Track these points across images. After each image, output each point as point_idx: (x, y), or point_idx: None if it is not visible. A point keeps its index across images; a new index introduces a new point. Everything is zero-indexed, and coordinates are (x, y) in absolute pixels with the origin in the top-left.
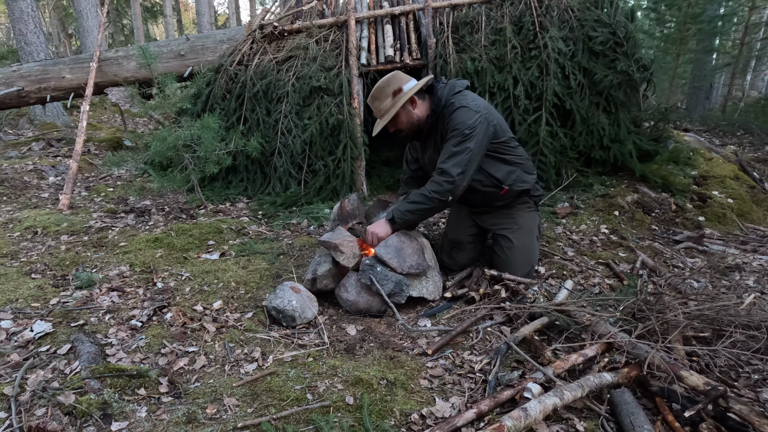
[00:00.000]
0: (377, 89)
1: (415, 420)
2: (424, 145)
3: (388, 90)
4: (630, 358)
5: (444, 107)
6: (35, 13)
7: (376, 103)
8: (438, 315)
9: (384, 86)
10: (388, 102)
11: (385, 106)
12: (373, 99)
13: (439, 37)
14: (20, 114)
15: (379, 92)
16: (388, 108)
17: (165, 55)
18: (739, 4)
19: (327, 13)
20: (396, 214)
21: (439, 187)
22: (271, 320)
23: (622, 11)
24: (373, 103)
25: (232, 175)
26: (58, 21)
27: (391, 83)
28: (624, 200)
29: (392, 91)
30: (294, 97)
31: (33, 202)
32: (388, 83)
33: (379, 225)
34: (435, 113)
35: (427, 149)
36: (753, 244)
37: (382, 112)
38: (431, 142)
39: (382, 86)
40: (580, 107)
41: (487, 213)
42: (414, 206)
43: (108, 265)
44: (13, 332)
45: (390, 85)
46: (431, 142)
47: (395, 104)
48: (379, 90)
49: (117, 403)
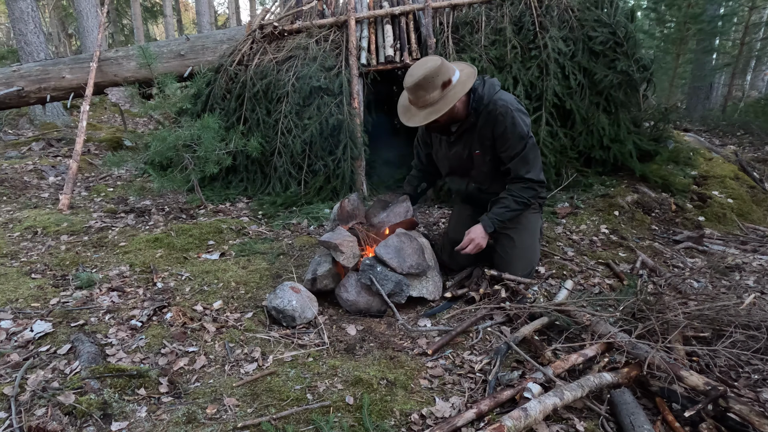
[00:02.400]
0: (425, 78)
1: (415, 420)
2: (452, 141)
3: (437, 80)
4: (630, 358)
5: (489, 105)
6: (35, 13)
7: (421, 93)
8: (438, 315)
9: (432, 75)
10: (436, 94)
11: (432, 97)
12: (418, 87)
13: (439, 37)
14: (20, 114)
15: (427, 82)
16: (436, 100)
17: (165, 55)
18: (739, 4)
19: (327, 13)
20: (495, 224)
21: (536, 193)
22: (271, 320)
23: (622, 11)
24: (416, 92)
25: (232, 175)
26: (58, 21)
27: (440, 73)
28: (624, 200)
29: (442, 82)
30: (294, 97)
31: (33, 202)
32: (437, 72)
33: (480, 234)
34: (476, 111)
35: (455, 146)
36: (753, 244)
37: (427, 103)
38: (464, 139)
39: (431, 75)
40: (580, 107)
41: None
42: (512, 213)
43: (108, 265)
44: (13, 332)
45: (439, 74)
46: (464, 140)
47: (446, 98)
48: (427, 79)
49: (117, 403)
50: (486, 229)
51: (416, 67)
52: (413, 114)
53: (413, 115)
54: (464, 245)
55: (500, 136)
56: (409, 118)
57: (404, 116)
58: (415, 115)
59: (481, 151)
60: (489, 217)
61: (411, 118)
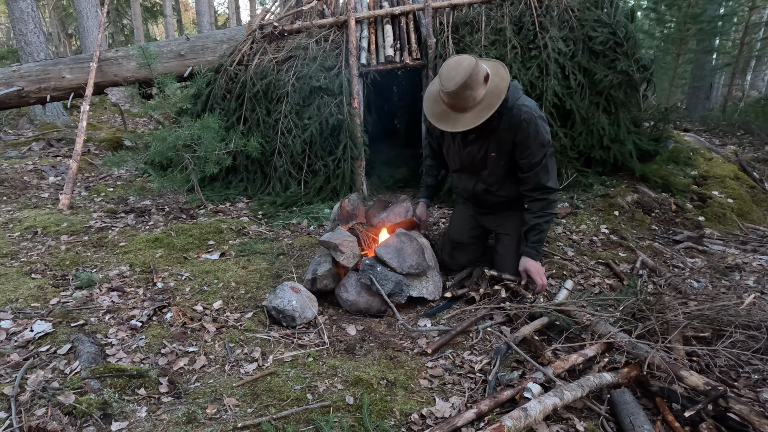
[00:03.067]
0: (470, 77)
1: (415, 420)
2: (468, 140)
3: (480, 76)
4: (630, 358)
5: (511, 110)
6: (35, 13)
7: (468, 93)
8: (438, 315)
9: (475, 72)
10: (482, 90)
11: (479, 94)
12: (465, 88)
13: (439, 37)
14: (20, 114)
15: (473, 80)
16: (483, 97)
17: (165, 55)
18: (739, 4)
19: (327, 13)
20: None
21: (553, 205)
22: (271, 320)
23: (622, 11)
24: (462, 93)
25: (232, 175)
26: (58, 21)
27: (480, 68)
28: (624, 200)
29: (483, 77)
30: (294, 97)
31: (33, 202)
32: (477, 69)
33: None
34: (499, 114)
35: (470, 145)
36: (753, 244)
37: (475, 102)
38: (482, 140)
39: (474, 72)
40: (580, 107)
41: (494, 214)
42: (545, 234)
43: (108, 265)
44: (13, 332)
45: (480, 70)
46: (481, 141)
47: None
48: (472, 77)
49: (117, 403)
50: (535, 258)
51: (451, 69)
52: (456, 119)
53: (457, 119)
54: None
55: (522, 143)
56: (454, 125)
57: (446, 124)
58: (461, 119)
59: (497, 154)
60: (531, 247)
61: (456, 123)
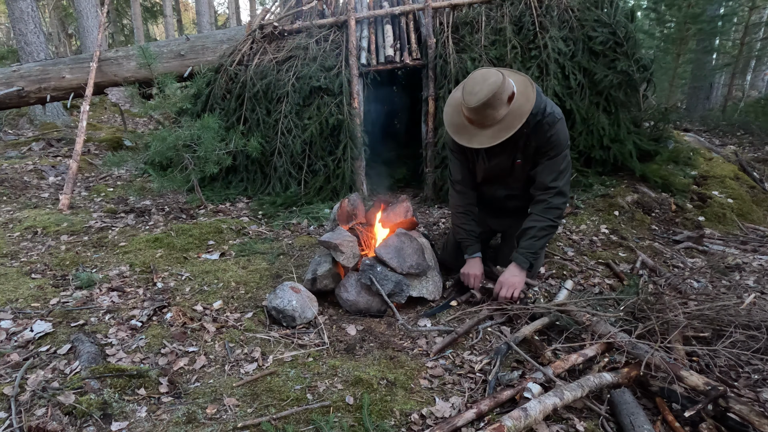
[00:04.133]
0: (494, 96)
1: (415, 420)
2: (495, 152)
3: (504, 96)
4: (630, 358)
5: (537, 115)
6: (35, 13)
7: (489, 112)
8: (438, 315)
9: (500, 92)
10: (503, 110)
11: (500, 114)
12: (486, 107)
13: (439, 37)
14: (20, 114)
15: (496, 99)
16: (504, 117)
17: (165, 55)
18: (739, 4)
19: (327, 13)
20: (530, 259)
21: (560, 211)
22: (271, 320)
23: (622, 11)
24: (483, 112)
25: (232, 175)
26: (58, 21)
27: (506, 88)
28: (624, 200)
29: (508, 97)
30: (294, 97)
31: (33, 202)
32: (503, 88)
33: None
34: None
35: (497, 156)
36: (753, 244)
37: (495, 121)
38: (508, 149)
39: (499, 92)
40: (580, 107)
41: (506, 217)
42: (543, 241)
43: (108, 265)
44: (13, 332)
45: (505, 90)
46: (508, 149)
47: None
48: (496, 97)
49: (117, 403)
50: (522, 266)
51: (476, 83)
52: (473, 134)
53: (474, 135)
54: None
55: (543, 143)
56: (470, 140)
57: (462, 137)
58: (478, 135)
59: (522, 161)
60: (520, 253)
61: (473, 138)
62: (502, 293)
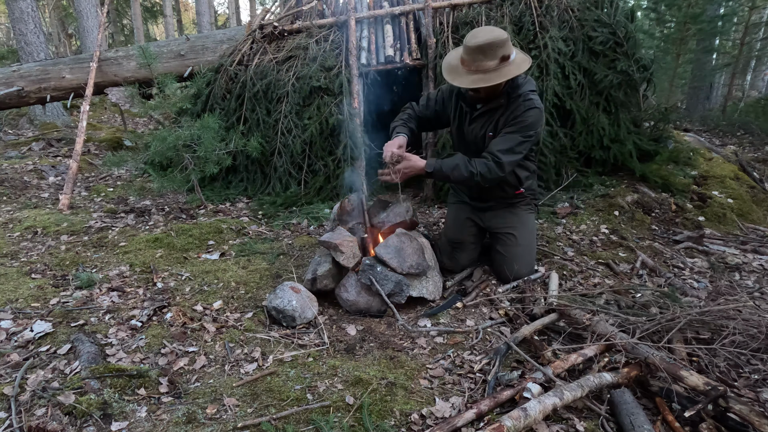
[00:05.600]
0: (489, 45)
1: (415, 420)
2: (473, 117)
3: (499, 51)
4: (630, 358)
5: (520, 97)
6: (35, 13)
7: (479, 57)
8: (438, 315)
9: (497, 45)
10: (492, 63)
11: (487, 65)
12: (478, 50)
13: (439, 37)
14: (20, 114)
15: (490, 48)
16: (490, 70)
17: (165, 55)
18: (739, 4)
19: (327, 13)
20: (435, 167)
21: (487, 173)
22: (271, 320)
23: (622, 11)
24: (475, 54)
25: (232, 175)
26: (58, 21)
27: (504, 45)
28: (624, 200)
29: (502, 55)
30: (294, 97)
31: (33, 202)
32: (502, 44)
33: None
34: (509, 96)
35: (474, 122)
36: (753, 244)
37: (480, 69)
38: (485, 118)
39: (496, 44)
40: (580, 107)
41: (490, 211)
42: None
43: (108, 265)
44: (13, 332)
45: (503, 46)
46: (485, 119)
47: (500, 71)
48: (491, 46)
49: (117, 403)
50: (426, 168)
51: (482, 31)
52: (459, 74)
53: (459, 75)
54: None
55: (512, 118)
56: (454, 77)
57: (449, 74)
58: (462, 76)
59: (493, 134)
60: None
61: (456, 77)
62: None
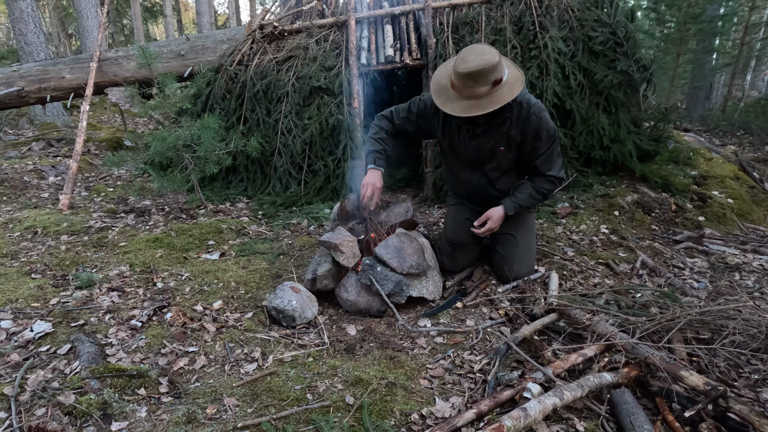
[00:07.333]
0: (481, 71)
1: (415, 420)
2: (476, 134)
3: (491, 77)
4: (630, 358)
5: (522, 106)
6: (35, 13)
7: (470, 83)
8: (438, 315)
9: (489, 70)
10: (485, 89)
11: (479, 92)
12: (469, 77)
13: (439, 37)
14: (20, 114)
15: (482, 75)
16: (482, 95)
17: (165, 55)
18: (739, 4)
19: (327, 13)
20: (516, 208)
21: (552, 188)
22: (271, 320)
23: (622, 11)
24: (466, 81)
25: (232, 175)
26: (58, 21)
27: (496, 69)
28: (624, 200)
29: (494, 79)
30: (294, 97)
31: (33, 202)
32: (494, 68)
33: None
34: (511, 108)
35: (478, 138)
36: (753, 244)
37: (472, 96)
38: (491, 134)
39: (488, 69)
40: (580, 107)
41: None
42: (532, 201)
43: (108, 265)
44: (13, 332)
45: (495, 70)
46: (491, 134)
47: (493, 97)
48: (483, 73)
49: (117, 403)
50: (507, 211)
51: (472, 53)
52: (450, 99)
53: (450, 100)
54: (481, 221)
55: (532, 135)
56: (444, 103)
57: (439, 98)
58: (453, 101)
59: (506, 148)
60: (511, 201)
61: (446, 103)
62: (482, 229)
